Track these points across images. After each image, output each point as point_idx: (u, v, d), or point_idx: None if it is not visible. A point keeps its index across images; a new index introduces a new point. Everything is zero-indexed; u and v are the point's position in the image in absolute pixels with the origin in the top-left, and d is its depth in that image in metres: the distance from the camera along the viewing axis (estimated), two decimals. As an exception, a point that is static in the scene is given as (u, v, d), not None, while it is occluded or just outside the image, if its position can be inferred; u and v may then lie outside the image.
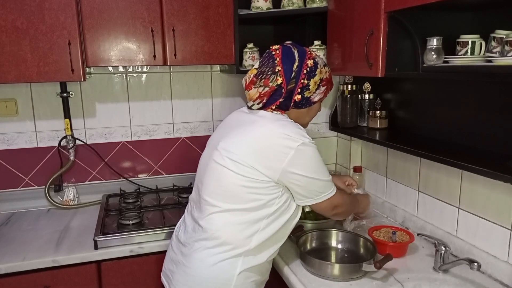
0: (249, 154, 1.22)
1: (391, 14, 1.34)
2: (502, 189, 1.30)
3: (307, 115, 1.38)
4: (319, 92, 1.33)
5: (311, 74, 1.29)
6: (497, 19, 1.26)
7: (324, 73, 1.33)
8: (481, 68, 1.16)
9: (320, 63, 1.33)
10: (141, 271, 1.68)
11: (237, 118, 1.38)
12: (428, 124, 1.60)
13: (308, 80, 1.29)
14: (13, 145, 2.03)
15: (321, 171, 1.27)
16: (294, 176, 1.22)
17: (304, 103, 1.32)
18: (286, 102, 1.30)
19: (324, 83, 1.33)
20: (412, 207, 1.73)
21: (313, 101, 1.34)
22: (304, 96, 1.30)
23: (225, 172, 1.24)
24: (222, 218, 1.26)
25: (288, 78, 1.27)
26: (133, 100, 2.17)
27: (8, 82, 1.70)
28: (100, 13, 1.72)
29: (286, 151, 1.20)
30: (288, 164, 1.20)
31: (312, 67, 1.29)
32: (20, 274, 1.53)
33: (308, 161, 1.23)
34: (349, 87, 1.89)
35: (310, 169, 1.24)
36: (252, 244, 1.26)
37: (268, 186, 1.23)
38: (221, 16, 1.86)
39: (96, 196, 2.14)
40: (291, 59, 1.28)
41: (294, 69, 1.27)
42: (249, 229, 1.25)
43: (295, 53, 1.29)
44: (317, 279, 1.35)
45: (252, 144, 1.23)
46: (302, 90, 1.29)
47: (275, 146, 1.21)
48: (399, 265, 1.41)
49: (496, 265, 1.33)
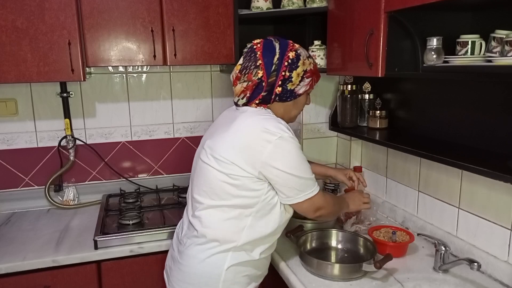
0: (230, 150, 1.23)
1: (391, 14, 1.34)
2: (502, 189, 1.30)
3: (293, 108, 1.36)
4: (304, 84, 1.31)
5: (293, 66, 1.27)
6: (497, 19, 1.26)
7: (308, 65, 1.31)
8: (481, 68, 1.16)
9: (303, 54, 1.30)
10: (141, 271, 1.68)
11: (225, 116, 1.40)
12: (428, 124, 1.60)
13: (290, 72, 1.27)
14: (13, 145, 2.03)
15: (301, 168, 1.24)
16: (273, 170, 1.21)
17: (288, 95, 1.30)
18: (268, 96, 1.29)
19: (309, 74, 1.31)
20: (412, 207, 1.73)
21: (298, 94, 1.32)
22: (287, 88, 1.29)
23: (210, 170, 1.26)
24: (209, 215, 1.28)
25: (269, 71, 1.26)
26: (133, 100, 2.17)
27: (8, 82, 1.70)
28: (100, 13, 1.72)
29: (264, 145, 1.19)
30: (266, 158, 1.19)
31: (293, 59, 1.28)
32: (20, 274, 1.53)
33: (287, 155, 1.21)
34: (349, 87, 1.89)
35: (288, 165, 1.21)
36: (241, 240, 1.26)
37: (251, 182, 1.22)
38: (221, 16, 1.86)
39: (96, 196, 2.14)
40: (272, 52, 1.27)
41: (274, 61, 1.26)
42: (236, 225, 1.26)
43: (276, 45, 1.29)
44: (317, 279, 1.35)
45: (232, 140, 1.24)
46: (284, 82, 1.28)
47: (253, 141, 1.21)
48: (399, 265, 1.41)
49: (496, 265, 1.33)
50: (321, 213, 1.33)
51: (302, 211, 1.32)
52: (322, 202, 1.32)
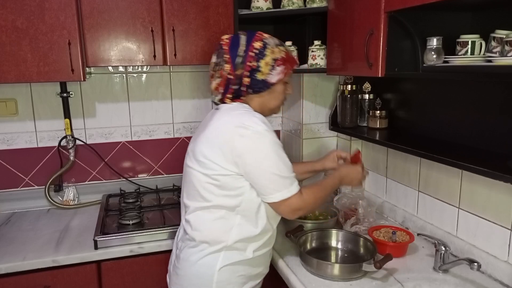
0: (208, 149, 1.23)
1: (391, 14, 1.34)
2: (502, 189, 1.30)
3: (272, 99, 1.33)
4: (276, 73, 1.28)
5: (260, 56, 1.26)
6: (497, 19, 1.26)
7: (278, 53, 1.28)
8: (481, 68, 1.16)
9: (271, 43, 1.29)
10: (141, 271, 1.68)
11: (206, 118, 1.40)
12: (428, 124, 1.60)
13: (257, 62, 1.25)
14: (13, 145, 2.03)
15: (275, 164, 1.20)
16: (246, 165, 1.19)
17: (261, 86, 1.28)
18: (239, 89, 1.28)
19: (280, 62, 1.28)
20: (412, 207, 1.73)
21: (271, 83, 1.29)
22: (256, 78, 1.27)
23: (193, 173, 1.28)
24: (197, 217, 1.29)
25: (235, 64, 1.26)
26: (133, 100, 2.17)
27: (8, 82, 1.70)
28: (100, 13, 1.72)
29: (238, 139, 1.18)
30: (240, 151, 1.18)
31: (260, 48, 1.26)
32: (20, 274, 1.53)
33: (260, 149, 1.19)
34: (349, 87, 1.89)
35: (261, 158, 1.19)
36: (230, 239, 1.26)
37: (233, 179, 1.22)
38: (221, 16, 1.86)
39: (96, 196, 2.14)
40: (237, 45, 1.28)
41: (240, 54, 1.26)
42: (224, 225, 1.26)
43: (242, 38, 1.29)
44: (317, 279, 1.35)
45: (209, 139, 1.24)
46: (252, 73, 1.26)
47: (228, 136, 1.20)
48: (399, 265, 1.41)
49: (496, 265, 1.33)
50: (300, 214, 1.29)
51: (279, 213, 1.30)
52: (300, 203, 1.26)
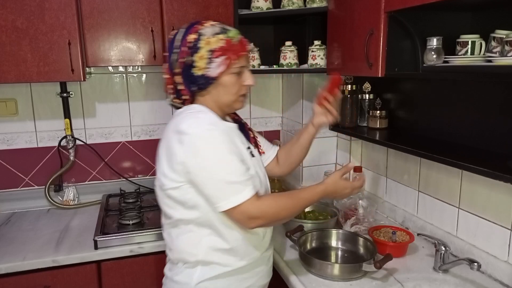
0: (159, 162, 1.17)
1: (391, 14, 1.33)
2: (502, 189, 1.30)
3: (222, 94, 1.19)
4: (216, 65, 1.13)
5: (194, 49, 1.13)
6: (497, 19, 1.26)
7: (215, 43, 1.13)
8: (481, 68, 1.16)
9: (206, 33, 1.14)
10: (141, 271, 1.68)
11: None
12: (428, 124, 1.60)
13: (191, 57, 1.13)
14: (13, 145, 2.04)
15: (219, 169, 1.08)
16: (190, 175, 1.10)
17: (203, 82, 1.15)
18: (182, 87, 1.18)
19: (219, 53, 1.13)
20: (412, 207, 1.73)
21: (212, 77, 1.15)
22: (194, 75, 1.14)
23: (157, 192, 1.23)
24: (168, 234, 1.25)
25: (170, 62, 1.18)
26: (133, 100, 2.17)
27: (8, 82, 1.70)
28: (100, 13, 1.72)
29: (178, 147, 1.10)
30: (181, 159, 1.09)
31: (194, 41, 1.14)
32: (20, 274, 1.53)
33: (200, 154, 1.08)
34: (349, 87, 1.88)
35: (202, 165, 1.08)
36: (201, 253, 1.18)
37: (184, 192, 1.13)
38: (221, 16, 1.86)
39: (96, 196, 2.14)
40: (173, 40, 1.18)
41: (175, 50, 1.16)
42: (192, 239, 1.18)
43: (179, 32, 1.18)
44: (317, 279, 1.35)
45: (159, 152, 1.18)
46: (188, 69, 1.15)
47: (169, 144, 1.13)
48: (399, 265, 1.41)
49: (496, 265, 1.33)
50: (259, 224, 1.13)
51: (234, 222, 1.15)
52: (256, 211, 1.10)
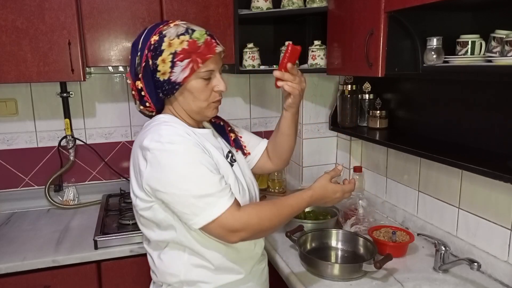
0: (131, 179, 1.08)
1: (391, 14, 1.33)
2: (502, 189, 1.30)
3: (190, 100, 1.08)
4: (180, 70, 1.02)
5: (156, 52, 1.02)
6: (497, 19, 1.26)
7: (178, 45, 1.02)
8: (481, 68, 1.16)
9: (169, 34, 1.03)
10: (141, 271, 1.68)
11: None
12: (428, 124, 1.60)
13: (154, 60, 1.03)
14: (13, 145, 2.03)
15: (187, 182, 0.98)
16: (157, 193, 1.01)
17: (168, 87, 1.04)
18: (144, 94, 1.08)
19: (182, 56, 1.02)
20: (412, 207, 1.73)
21: (178, 82, 1.04)
22: (159, 80, 1.04)
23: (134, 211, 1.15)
24: (149, 256, 1.19)
25: (134, 66, 1.07)
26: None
27: (8, 82, 1.70)
28: (100, 13, 1.72)
29: (142, 164, 1.01)
30: (147, 178, 1.01)
31: (155, 43, 1.03)
32: (20, 274, 1.53)
33: (166, 170, 0.98)
34: (349, 87, 1.89)
35: (167, 182, 0.99)
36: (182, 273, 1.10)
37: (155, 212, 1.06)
38: (221, 16, 1.86)
39: (96, 196, 2.14)
40: (137, 43, 1.07)
41: (138, 53, 1.06)
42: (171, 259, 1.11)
43: (144, 33, 1.07)
44: (317, 279, 1.35)
45: (130, 166, 1.09)
46: (152, 74, 1.04)
47: (135, 162, 1.05)
48: (399, 265, 1.41)
49: (496, 265, 1.33)
50: (242, 237, 1.01)
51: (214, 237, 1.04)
52: (235, 223, 0.99)
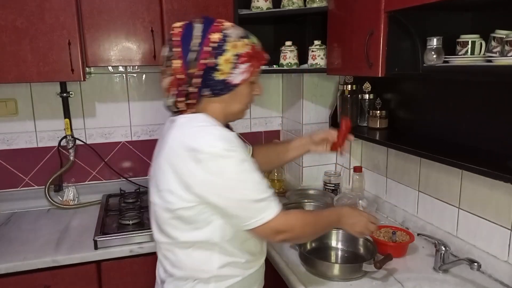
0: (164, 178, 1.05)
1: (391, 14, 1.33)
2: (502, 189, 1.30)
3: (235, 103, 1.12)
4: (239, 72, 1.06)
5: (219, 51, 1.03)
6: (497, 19, 1.26)
7: (241, 47, 1.05)
8: (481, 68, 1.16)
9: (232, 35, 1.05)
10: (141, 271, 1.68)
11: (163, 131, 1.19)
12: (428, 124, 1.60)
13: (215, 59, 1.03)
14: (13, 145, 2.03)
15: (243, 188, 1.01)
16: (210, 196, 1.01)
17: (221, 87, 1.06)
18: (195, 90, 1.07)
19: (244, 59, 1.05)
20: (412, 207, 1.73)
21: (234, 84, 1.07)
22: (214, 79, 1.05)
23: (155, 209, 1.13)
24: (173, 253, 1.15)
25: (187, 61, 1.04)
26: (133, 100, 2.17)
27: (8, 82, 1.70)
28: (100, 13, 1.72)
29: (193, 166, 0.99)
30: (199, 182, 1.00)
31: (219, 42, 1.04)
32: (20, 274, 1.53)
33: (221, 175, 1.00)
34: (349, 87, 1.89)
35: (225, 187, 1.00)
36: (214, 270, 1.11)
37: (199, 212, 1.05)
38: (221, 16, 1.83)
39: (96, 196, 2.14)
40: (190, 36, 1.05)
41: (193, 48, 1.04)
42: (202, 257, 1.11)
43: (196, 27, 1.06)
44: (317, 279, 1.35)
45: (164, 166, 1.06)
46: (208, 72, 1.04)
47: (182, 164, 1.01)
48: (399, 265, 1.41)
49: (496, 265, 1.33)
50: (285, 238, 1.08)
51: (260, 238, 1.11)
52: (283, 226, 1.06)
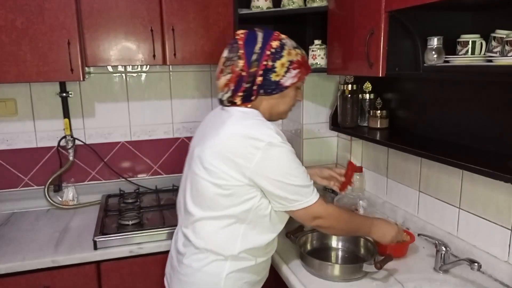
0: (219, 158, 1.17)
1: (392, 13, 1.33)
2: (503, 189, 1.30)
3: (281, 103, 1.29)
4: (291, 76, 1.24)
5: (277, 56, 1.21)
6: (497, 19, 1.26)
7: (294, 55, 1.24)
8: (481, 67, 1.16)
9: (288, 44, 1.25)
10: (140, 271, 1.68)
11: (211, 120, 1.34)
12: (429, 124, 1.60)
13: (273, 62, 1.21)
14: (13, 145, 2.03)
15: (293, 175, 1.17)
16: (263, 179, 1.16)
17: (273, 87, 1.23)
18: (251, 88, 1.22)
19: (296, 66, 1.24)
20: (412, 207, 1.73)
21: (284, 86, 1.24)
22: (270, 79, 1.22)
23: (201, 182, 1.22)
24: (202, 226, 1.25)
25: (250, 61, 1.20)
26: (132, 100, 2.17)
27: (7, 82, 1.70)
28: (100, 13, 1.72)
29: (253, 152, 1.13)
30: (255, 166, 1.14)
31: (277, 48, 1.22)
32: (20, 274, 1.53)
33: (277, 162, 1.15)
34: (350, 87, 1.88)
35: (279, 172, 1.16)
36: (236, 249, 1.23)
37: (243, 190, 1.18)
38: (221, 15, 1.85)
39: (95, 196, 2.13)
40: (253, 41, 1.22)
41: (256, 50, 1.21)
42: (229, 235, 1.23)
43: (259, 35, 1.24)
44: (317, 279, 1.35)
45: (220, 149, 1.18)
46: (266, 72, 1.21)
47: (241, 148, 1.15)
48: (399, 266, 1.41)
49: (497, 265, 1.33)
50: (320, 223, 1.25)
51: (297, 219, 1.26)
52: (322, 212, 1.23)
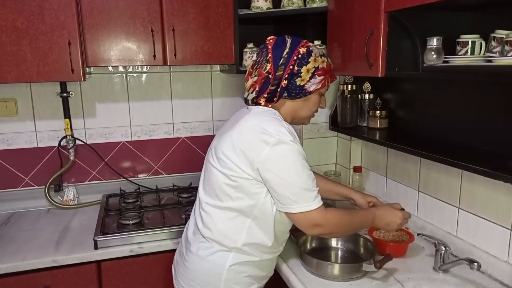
0: (230, 149, 1.22)
1: (391, 14, 1.33)
2: (502, 189, 1.30)
3: (304, 107, 1.33)
4: (315, 82, 1.28)
5: (303, 61, 1.25)
6: (497, 19, 1.26)
7: (320, 62, 1.28)
8: (481, 68, 1.16)
9: (315, 52, 1.28)
10: (141, 271, 1.68)
11: (234, 117, 1.39)
12: (428, 124, 1.60)
13: (299, 67, 1.25)
14: (13, 145, 2.03)
15: (298, 176, 1.18)
16: (268, 173, 1.18)
17: (297, 92, 1.27)
18: (276, 90, 1.27)
19: (321, 72, 1.28)
20: (412, 207, 1.73)
21: (308, 91, 1.28)
22: (295, 83, 1.26)
23: (213, 171, 1.27)
24: (210, 215, 1.29)
25: (276, 64, 1.25)
26: (133, 100, 2.17)
27: (8, 82, 1.70)
28: (100, 13, 1.72)
29: (262, 146, 1.16)
30: (263, 159, 1.17)
31: (304, 54, 1.26)
32: (20, 274, 1.53)
33: (283, 159, 1.17)
34: (349, 87, 1.89)
35: (283, 169, 1.17)
36: (240, 243, 1.26)
37: (250, 184, 1.21)
38: (221, 16, 1.86)
39: (96, 196, 2.14)
40: (282, 46, 1.27)
41: (283, 55, 1.26)
42: (234, 227, 1.26)
43: (287, 40, 1.29)
44: (317, 279, 1.35)
45: (233, 140, 1.23)
46: (292, 76, 1.25)
47: (252, 140, 1.19)
48: (399, 265, 1.41)
49: (496, 265, 1.33)
50: (320, 232, 1.24)
51: (297, 225, 1.25)
52: (321, 220, 1.21)
